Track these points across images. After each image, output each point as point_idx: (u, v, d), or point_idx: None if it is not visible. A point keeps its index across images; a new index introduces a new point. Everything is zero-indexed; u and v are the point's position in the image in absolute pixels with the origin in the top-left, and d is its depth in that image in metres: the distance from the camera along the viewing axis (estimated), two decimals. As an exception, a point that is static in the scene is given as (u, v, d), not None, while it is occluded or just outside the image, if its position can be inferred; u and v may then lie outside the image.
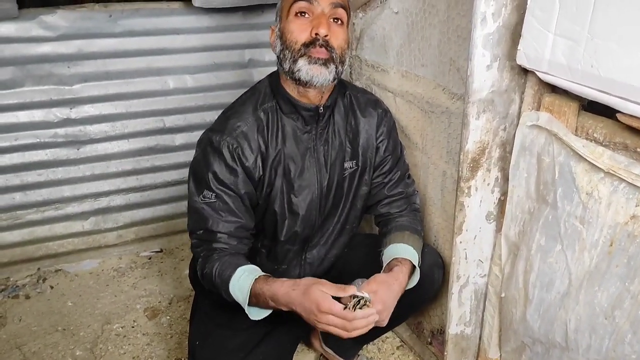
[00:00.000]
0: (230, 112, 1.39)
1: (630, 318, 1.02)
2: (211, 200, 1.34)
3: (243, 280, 1.27)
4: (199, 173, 1.36)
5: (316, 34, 1.26)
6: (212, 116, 2.24)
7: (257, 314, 1.29)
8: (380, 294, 1.24)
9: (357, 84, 1.91)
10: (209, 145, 1.34)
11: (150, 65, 2.10)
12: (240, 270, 1.29)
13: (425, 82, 1.60)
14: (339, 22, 1.32)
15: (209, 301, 1.59)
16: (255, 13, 2.16)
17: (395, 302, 1.29)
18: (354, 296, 1.19)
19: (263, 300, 1.25)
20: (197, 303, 1.67)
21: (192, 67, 2.17)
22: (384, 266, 1.40)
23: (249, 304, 1.27)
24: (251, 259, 1.42)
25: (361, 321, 1.17)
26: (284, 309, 1.24)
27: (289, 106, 1.36)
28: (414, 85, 1.64)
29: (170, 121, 2.22)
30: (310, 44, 1.27)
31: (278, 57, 1.34)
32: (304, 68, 1.28)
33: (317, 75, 1.28)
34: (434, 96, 1.55)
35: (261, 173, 1.38)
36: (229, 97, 2.20)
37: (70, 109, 2.06)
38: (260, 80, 1.47)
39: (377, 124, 1.51)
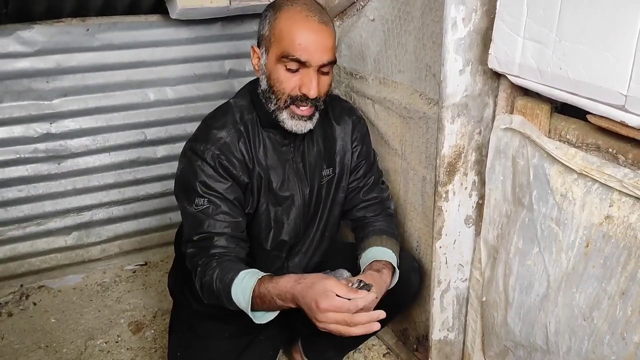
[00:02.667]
0: (212, 122, 1.38)
1: (608, 319, 1.02)
2: (204, 206, 1.32)
3: (246, 282, 1.22)
4: (187, 183, 1.34)
5: (304, 95, 1.27)
6: (193, 127, 2.17)
7: (261, 318, 1.25)
8: (376, 285, 1.22)
9: (336, 92, 1.91)
10: (193, 154, 1.33)
11: (130, 78, 2.09)
12: (243, 273, 1.25)
13: (403, 88, 1.60)
14: (327, 70, 1.30)
15: (189, 311, 1.57)
16: (235, 23, 2.16)
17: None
18: (360, 281, 1.17)
19: (269, 300, 1.19)
20: (177, 313, 1.65)
21: (172, 79, 2.16)
22: (362, 268, 1.39)
23: (253, 308, 1.22)
24: None
25: (364, 316, 1.11)
26: (292, 305, 1.18)
27: (268, 120, 1.36)
28: (392, 92, 1.64)
29: (151, 133, 2.21)
30: (297, 99, 1.28)
31: (263, 90, 1.33)
32: (287, 122, 1.31)
33: (300, 129, 1.32)
34: (412, 102, 1.55)
35: (247, 180, 1.37)
36: (210, 107, 2.14)
37: (50, 123, 2.05)
38: (241, 90, 1.47)
39: (351, 130, 1.52)
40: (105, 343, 1.96)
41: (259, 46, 1.34)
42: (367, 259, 1.41)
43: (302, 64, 1.25)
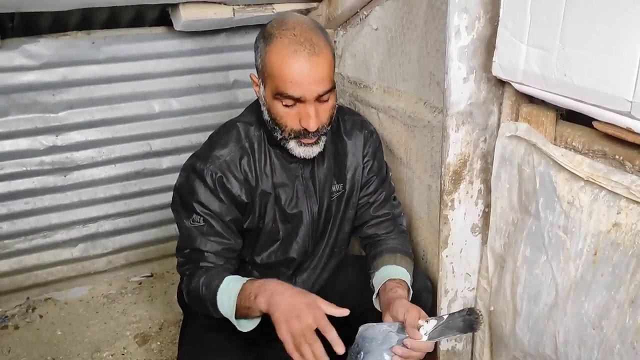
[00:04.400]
0: (216, 139, 1.38)
1: (618, 328, 1.00)
2: (199, 224, 1.33)
3: (231, 287, 1.23)
4: (184, 198, 1.35)
5: (305, 129, 1.24)
6: (198, 138, 2.24)
7: (246, 325, 1.24)
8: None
9: (341, 101, 1.91)
10: (192, 172, 1.33)
11: (135, 90, 2.10)
12: (228, 279, 1.25)
13: (407, 97, 1.60)
14: (326, 98, 1.26)
15: (198, 323, 1.56)
16: (239, 34, 2.16)
17: None
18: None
19: (246, 298, 1.18)
20: (185, 326, 1.64)
21: (177, 90, 2.17)
22: (376, 289, 1.37)
23: (238, 316, 1.21)
24: None
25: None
26: (262, 304, 1.15)
27: (275, 140, 1.34)
28: (396, 100, 1.64)
29: (156, 145, 2.22)
30: (300, 134, 1.26)
31: (266, 121, 1.31)
32: (295, 150, 1.29)
33: (309, 154, 1.30)
34: (416, 110, 1.55)
35: (247, 200, 1.36)
36: (215, 118, 2.21)
37: (56, 136, 2.06)
38: (248, 107, 1.46)
39: (363, 145, 1.49)
40: (112, 355, 1.95)
41: (257, 74, 1.31)
42: (382, 278, 1.37)
43: (297, 100, 1.22)
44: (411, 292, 1.36)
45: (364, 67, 1.78)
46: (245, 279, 1.26)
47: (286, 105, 1.24)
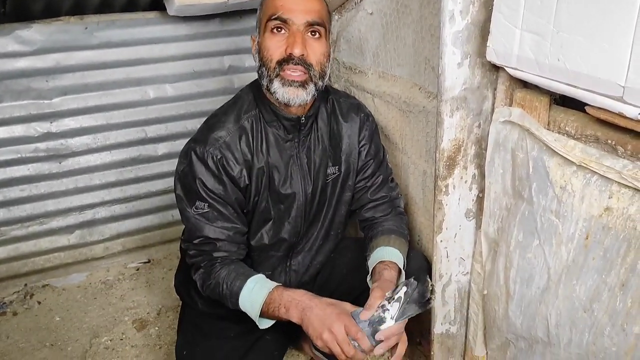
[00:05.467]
0: (212, 122, 1.38)
1: (609, 311, 1.02)
2: (204, 211, 1.33)
3: (256, 294, 1.27)
4: (187, 185, 1.35)
5: (290, 54, 1.25)
6: (193, 124, 2.24)
7: (266, 323, 1.30)
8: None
9: (336, 86, 1.91)
10: (194, 155, 1.33)
11: (130, 76, 2.09)
12: (251, 282, 1.29)
13: (402, 82, 1.60)
14: (317, 35, 1.28)
15: (196, 311, 1.58)
16: (234, 19, 2.15)
17: None
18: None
19: (273, 308, 1.25)
20: (184, 313, 1.66)
21: (171, 76, 2.16)
22: (370, 270, 1.40)
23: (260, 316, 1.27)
24: None
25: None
26: (295, 317, 1.22)
27: (271, 115, 1.35)
28: (391, 86, 1.64)
29: (152, 131, 2.22)
30: (284, 61, 1.25)
31: (257, 72, 1.33)
32: (279, 90, 1.27)
33: (293, 97, 1.28)
34: (411, 96, 1.55)
35: (247, 182, 1.37)
36: (210, 104, 2.21)
37: (51, 122, 2.05)
38: (242, 89, 1.46)
39: (359, 128, 1.50)
40: (110, 341, 1.97)
41: (257, 30, 1.35)
42: (374, 260, 1.40)
43: (285, 23, 1.25)
44: (403, 272, 1.38)
45: (359, 52, 1.78)
46: (269, 284, 1.28)
47: (274, 31, 1.26)
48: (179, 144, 2.26)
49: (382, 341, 1.20)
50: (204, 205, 1.33)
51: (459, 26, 1.14)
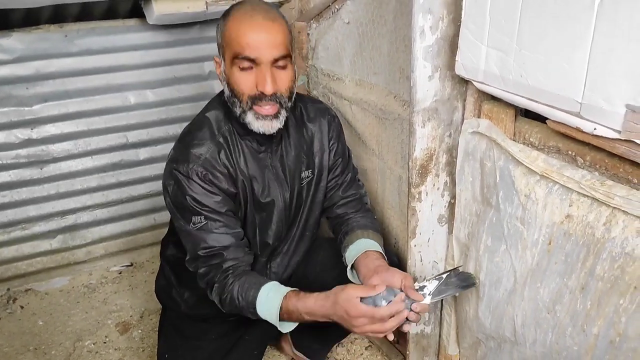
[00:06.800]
0: (188, 139, 1.38)
1: (570, 312, 1.08)
2: (203, 223, 1.34)
3: (271, 300, 1.28)
4: (179, 204, 1.35)
5: (262, 92, 1.26)
6: (175, 129, 2.26)
7: (289, 327, 1.31)
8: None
9: (314, 93, 1.95)
10: (179, 174, 1.33)
11: (110, 82, 2.11)
12: (265, 290, 1.29)
13: (378, 90, 1.65)
14: (283, 65, 1.29)
15: (177, 314, 1.61)
16: (213, 26, 2.17)
17: None
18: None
19: (297, 316, 1.26)
20: (164, 316, 1.69)
21: (152, 82, 2.18)
22: (350, 261, 1.43)
23: (280, 319, 1.29)
24: None
25: (393, 321, 1.20)
26: (322, 320, 1.25)
27: (243, 129, 1.37)
28: (368, 93, 1.68)
29: (133, 136, 2.23)
30: (257, 98, 1.28)
31: (227, 97, 1.33)
32: (253, 123, 1.30)
33: (268, 129, 1.31)
34: (387, 103, 1.60)
35: (234, 191, 1.39)
36: (191, 109, 2.24)
37: (32, 129, 2.06)
38: (211, 101, 1.47)
39: (327, 130, 1.54)
40: (94, 344, 1.99)
41: (219, 53, 1.35)
42: (358, 250, 1.43)
43: (253, 62, 1.26)
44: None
45: (337, 59, 1.82)
46: (282, 289, 1.29)
47: (243, 69, 1.27)
48: (160, 149, 2.29)
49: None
50: (201, 218, 1.33)
51: (429, 41, 1.19)
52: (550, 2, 0.94)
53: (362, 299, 1.19)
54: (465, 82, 1.24)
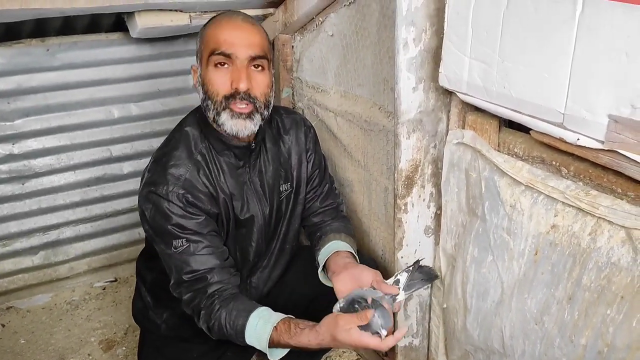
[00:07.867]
0: (165, 160, 1.34)
1: (558, 323, 1.08)
2: (184, 247, 1.30)
3: (260, 330, 1.23)
4: (159, 228, 1.31)
5: (236, 88, 1.26)
6: (159, 142, 2.15)
7: (280, 354, 1.27)
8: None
9: (299, 105, 1.95)
10: (158, 197, 1.29)
11: (93, 96, 2.08)
12: (254, 319, 1.25)
13: (363, 102, 1.65)
14: (260, 67, 1.29)
15: (157, 335, 1.59)
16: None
17: None
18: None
19: (290, 347, 1.24)
20: (143, 339, 1.67)
21: (136, 95, 2.16)
22: (322, 262, 1.43)
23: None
24: None
25: (392, 341, 1.18)
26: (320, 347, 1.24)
27: (221, 145, 1.35)
28: (353, 105, 1.68)
29: (117, 150, 2.21)
30: (231, 96, 1.26)
31: (201, 101, 1.32)
32: (227, 123, 1.28)
33: (241, 129, 1.28)
34: (372, 115, 1.60)
35: (216, 211, 1.37)
36: (175, 123, 2.19)
37: (13, 144, 2.03)
38: (185, 119, 1.45)
39: (304, 141, 1.54)
40: (77, 362, 1.95)
41: (197, 61, 1.36)
42: (328, 251, 1.44)
43: (229, 58, 1.25)
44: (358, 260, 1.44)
45: (321, 71, 1.82)
46: (272, 318, 1.24)
47: (218, 65, 1.27)
48: (145, 163, 2.19)
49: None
50: (182, 241, 1.29)
51: (413, 53, 1.20)
52: (531, 14, 0.95)
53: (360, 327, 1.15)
54: (449, 93, 1.25)
